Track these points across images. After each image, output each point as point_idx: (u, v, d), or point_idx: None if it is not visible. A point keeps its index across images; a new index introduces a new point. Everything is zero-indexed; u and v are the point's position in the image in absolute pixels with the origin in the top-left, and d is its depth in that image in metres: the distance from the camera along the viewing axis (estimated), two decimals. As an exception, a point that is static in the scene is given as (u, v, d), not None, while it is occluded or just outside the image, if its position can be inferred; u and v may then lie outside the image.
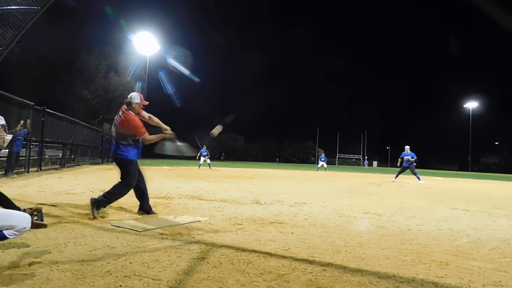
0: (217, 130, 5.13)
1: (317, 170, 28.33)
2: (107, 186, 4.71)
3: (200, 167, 21.48)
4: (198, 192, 7.86)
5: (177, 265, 2.66)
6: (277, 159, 74.93)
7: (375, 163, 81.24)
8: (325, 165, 28.82)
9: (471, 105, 63.74)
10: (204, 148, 21.55)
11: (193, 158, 23.40)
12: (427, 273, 2.76)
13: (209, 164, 21.84)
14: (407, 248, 3.57)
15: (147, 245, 3.20)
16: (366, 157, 74.90)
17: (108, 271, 2.46)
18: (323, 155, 29.47)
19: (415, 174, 16.11)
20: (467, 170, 59.14)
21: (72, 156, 18.89)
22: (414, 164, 16.04)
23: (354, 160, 79.66)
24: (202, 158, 21.45)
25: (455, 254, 3.38)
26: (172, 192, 7.68)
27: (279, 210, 5.69)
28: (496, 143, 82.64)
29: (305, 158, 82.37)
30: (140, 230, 3.76)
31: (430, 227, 4.76)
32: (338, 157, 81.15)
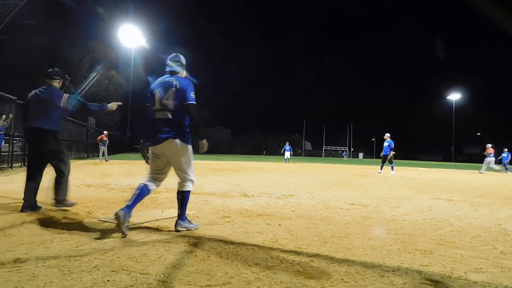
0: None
1: (285, 162, 27.77)
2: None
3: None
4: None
5: (165, 259, 2.66)
6: (264, 151, 75.10)
7: (360, 154, 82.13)
8: (288, 156, 28.32)
9: (454, 97, 64.79)
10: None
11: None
12: (412, 261, 2.82)
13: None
14: (392, 238, 3.64)
15: (134, 240, 3.19)
16: (349, 149, 75.82)
17: (96, 266, 2.45)
18: (287, 144, 29.00)
19: (390, 162, 16.16)
20: (451, 161, 60.23)
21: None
22: (391, 152, 16.02)
23: (340, 152, 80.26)
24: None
25: (438, 243, 3.46)
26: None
27: (266, 203, 5.72)
28: (478, 134, 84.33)
29: (292, 151, 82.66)
30: (128, 225, 3.74)
31: (415, 217, 4.85)
32: (324, 149, 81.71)
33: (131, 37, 31.37)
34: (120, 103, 4.85)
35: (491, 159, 20.81)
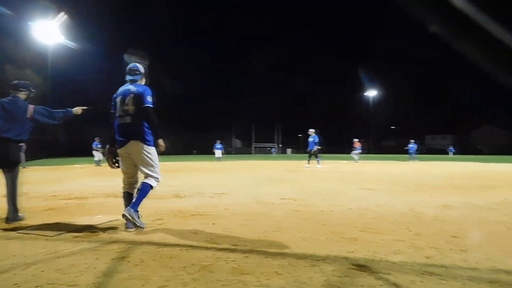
0: None
1: (217, 161, 27.15)
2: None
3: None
4: (114, 189, 7.48)
5: (95, 268, 2.54)
6: (195, 151, 74.13)
7: (289, 150, 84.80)
8: (220, 155, 27.78)
9: (371, 93, 69.29)
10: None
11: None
12: (340, 249, 3.01)
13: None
14: (321, 228, 3.84)
15: (60, 250, 3.00)
16: (278, 145, 78.35)
17: (16, 284, 2.26)
18: (218, 142, 28.38)
19: (315, 157, 17.11)
20: (370, 153, 64.60)
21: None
22: (316, 147, 16.97)
23: (269, 149, 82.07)
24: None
25: (362, 230, 3.73)
26: (86, 191, 7.23)
27: (199, 202, 5.70)
28: (392, 127, 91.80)
29: (223, 149, 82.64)
30: (52, 235, 3.50)
31: (341, 207, 5.16)
32: (254, 147, 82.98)
33: (47, 33, 28.93)
34: (85, 107, 4.73)
35: (357, 151, 25.04)
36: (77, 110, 4.73)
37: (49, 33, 28.98)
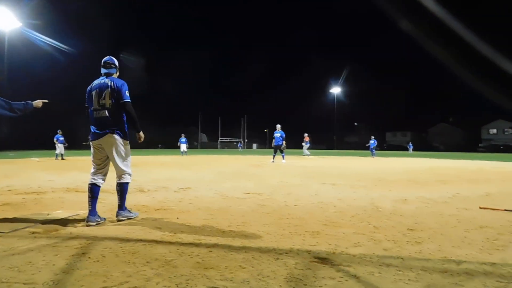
0: None
1: (182, 155, 27.52)
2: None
3: None
4: (75, 184, 7.25)
5: (54, 265, 2.46)
6: (160, 145, 72.84)
7: (254, 145, 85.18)
8: (185, 149, 28.11)
9: (335, 90, 70.72)
10: None
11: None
12: (302, 243, 3.08)
13: None
14: (285, 222, 3.91)
15: (16, 247, 2.87)
16: (243, 140, 78.63)
17: (-32, 282, 2.16)
18: (183, 136, 28.56)
19: (281, 152, 17.41)
20: (333, 149, 66.08)
21: None
22: (283, 143, 17.28)
23: (235, 143, 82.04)
24: None
25: (325, 224, 3.83)
26: (44, 185, 6.93)
27: (163, 197, 5.63)
28: (355, 124, 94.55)
29: (188, 143, 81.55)
30: (6, 231, 3.34)
31: (304, 202, 5.27)
32: (220, 141, 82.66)
33: (4, 19, 27.22)
34: (46, 101, 4.43)
35: (307, 145, 26.46)
36: (38, 103, 4.41)
37: (6, 19, 27.30)
